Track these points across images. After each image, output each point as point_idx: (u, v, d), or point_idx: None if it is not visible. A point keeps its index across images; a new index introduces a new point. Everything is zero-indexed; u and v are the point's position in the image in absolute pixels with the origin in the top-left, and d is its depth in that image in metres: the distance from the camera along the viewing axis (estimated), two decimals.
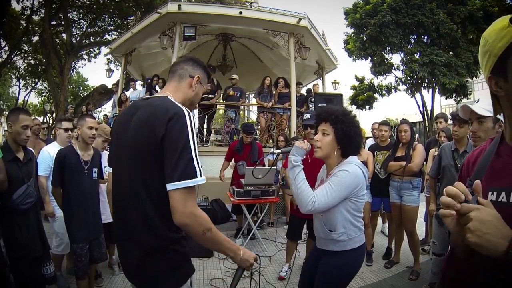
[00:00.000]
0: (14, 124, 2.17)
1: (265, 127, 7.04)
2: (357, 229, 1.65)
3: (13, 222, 2.11)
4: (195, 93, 1.32)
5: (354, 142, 1.65)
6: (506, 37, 0.70)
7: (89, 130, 2.51)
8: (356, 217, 1.64)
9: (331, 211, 1.60)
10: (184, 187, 1.03)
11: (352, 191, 1.57)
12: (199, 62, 1.37)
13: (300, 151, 1.65)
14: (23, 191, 2.13)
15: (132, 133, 1.14)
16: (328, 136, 1.64)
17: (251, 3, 8.16)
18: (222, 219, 5.23)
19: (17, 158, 2.21)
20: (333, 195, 1.53)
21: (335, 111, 1.67)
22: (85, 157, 2.54)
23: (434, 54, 14.02)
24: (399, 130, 3.43)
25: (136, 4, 15.22)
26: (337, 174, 1.58)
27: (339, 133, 1.62)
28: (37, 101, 28.28)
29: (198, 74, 1.32)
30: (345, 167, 1.59)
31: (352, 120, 1.65)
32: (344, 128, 1.61)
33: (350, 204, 1.61)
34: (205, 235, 1.08)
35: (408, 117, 23.92)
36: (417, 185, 3.37)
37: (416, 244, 3.37)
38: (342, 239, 1.62)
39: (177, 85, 1.30)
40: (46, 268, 2.39)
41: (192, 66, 1.34)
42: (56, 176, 2.45)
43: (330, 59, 8.42)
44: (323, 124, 1.67)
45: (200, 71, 1.34)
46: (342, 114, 1.65)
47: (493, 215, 0.64)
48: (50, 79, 15.65)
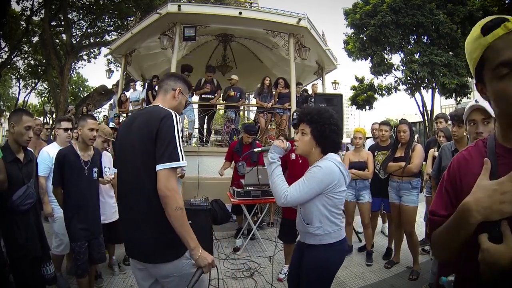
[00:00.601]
0: (17, 124, 2.17)
1: (265, 127, 7.04)
2: (333, 224, 1.68)
3: (13, 222, 2.11)
4: (178, 102, 1.65)
5: (331, 140, 1.71)
6: (479, 48, 0.73)
7: (89, 132, 2.52)
8: (333, 213, 1.68)
9: (307, 205, 1.67)
10: (169, 167, 1.37)
11: (327, 186, 1.62)
12: (179, 76, 1.73)
13: (278, 149, 1.75)
14: (23, 192, 2.13)
15: (135, 134, 1.48)
16: (306, 136, 1.72)
17: (251, 3, 8.16)
18: (222, 219, 5.21)
19: (17, 159, 2.20)
20: (305, 189, 1.60)
21: (310, 111, 1.75)
22: (85, 157, 2.55)
23: (434, 54, 14.03)
24: (398, 130, 3.44)
25: (136, 5, 15.21)
26: (311, 170, 1.66)
27: (315, 132, 1.69)
28: (37, 102, 28.35)
29: (179, 87, 1.65)
30: (319, 163, 1.67)
31: (327, 119, 1.70)
32: (319, 127, 1.69)
33: (326, 200, 1.65)
34: (176, 212, 1.35)
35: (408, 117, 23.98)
36: (416, 186, 3.37)
37: (415, 244, 3.37)
38: (318, 233, 1.67)
39: (163, 98, 1.64)
40: (46, 269, 2.39)
41: (174, 80, 1.67)
42: (56, 176, 2.46)
43: (330, 59, 8.41)
44: (301, 124, 1.76)
45: (180, 84, 1.66)
46: (317, 113, 1.72)
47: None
48: (50, 80, 15.66)
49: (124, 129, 1.64)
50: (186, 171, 4.39)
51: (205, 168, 5.78)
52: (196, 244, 1.40)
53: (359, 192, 3.74)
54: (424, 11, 14.39)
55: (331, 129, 1.68)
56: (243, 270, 3.45)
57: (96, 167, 2.62)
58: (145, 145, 1.42)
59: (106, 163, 3.19)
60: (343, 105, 5.55)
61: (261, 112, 7.05)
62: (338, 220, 1.71)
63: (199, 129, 7.01)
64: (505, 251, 0.65)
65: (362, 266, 3.62)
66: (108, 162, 3.23)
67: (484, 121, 1.51)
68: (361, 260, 3.78)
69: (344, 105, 5.91)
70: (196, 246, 1.40)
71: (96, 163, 2.63)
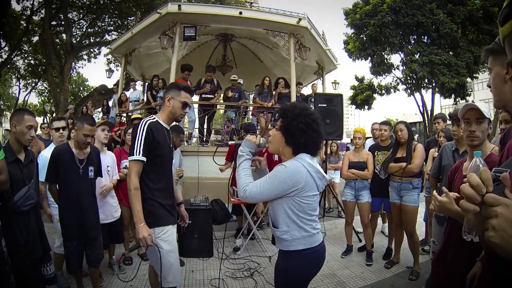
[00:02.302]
0: (19, 124, 2.17)
1: (265, 127, 7.04)
2: (302, 230, 1.55)
3: (14, 222, 2.11)
4: (171, 107, 2.06)
5: (299, 139, 1.53)
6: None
7: (84, 137, 2.48)
8: (302, 218, 1.55)
9: (274, 207, 1.58)
10: (131, 159, 1.90)
11: (290, 188, 1.49)
12: (170, 86, 2.22)
13: (249, 143, 1.67)
14: (24, 193, 2.13)
15: None
16: (278, 132, 1.60)
17: (251, 3, 8.17)
18: (222, 219, 5.22)
19: (18, 159, 2.20)
20: (265, 187, 1.50)
21: (288, 106, 1.63)
22: (80, 155, 2.52)
23: (434, 54, 14.02)
24: (396, 130, 3.46)
25: (136, 5, 15.21)
26: (275, 169, 1.54)
27: (283, 128, 1.56)
28: (37, 101, 28.34)
29: (168, 95, 2.06)
30: (286, 162, 1.54)
31: (297, 115, 1.52)
32: (286, 122, 1.55)
33: (293, 203, 1.53)
34: (130, 192, 1.86)
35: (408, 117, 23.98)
36: (417, 186, 3.37)
37: (416, 244, 3.37)
38: (285, 238, 1.56)
39: (163, 109, 2.13)
40: (47, 269, 2.39)
41: (167, 91, 2.12)
42: (50, 173, 2.45)
43: (330, 59, 8.42)
44: (279, 119, 1.63)
45: (170, 92, 2.07)
46: (289, 108, 1.58)
47: None
48: (50, 79, 15.64)
49: None
50: (186, 171, 4.39)
51: (205, 167, 5.78)
52: (138, 220, 1.82)
53: (359, 192, 3.74)
54: (424, 11, 14.37)
55: (299, 127, 1.51)
56: (243, 270, 3.45)
57: (93, 166, 2.58)
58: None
59: (109, 162, 3.15)
60: (343, 105, 5.55)
61: (261, 112, 7.05)
62: (309, 226, 1.57)
63: (199, 129, 7.01)
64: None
65: (362, 266, 3.62)
66: (111, 162, 3.20)
67: (478, 121, 1.54)
68: (361, 260, 3.78)
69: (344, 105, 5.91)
70: (137, 221, 1.82)
71: (93, 162, 2.59)
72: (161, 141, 1.97)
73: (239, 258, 3.79)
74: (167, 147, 2.05)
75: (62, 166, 2.45)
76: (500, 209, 0.56)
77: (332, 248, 4.20)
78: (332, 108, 5.32)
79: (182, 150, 4.37)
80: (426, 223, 4.17)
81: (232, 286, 3.12)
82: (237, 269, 3.47)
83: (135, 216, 1.83)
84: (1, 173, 1.95)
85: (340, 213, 5.87)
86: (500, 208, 0.57)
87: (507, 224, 0.55)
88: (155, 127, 1.95)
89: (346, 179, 3.88)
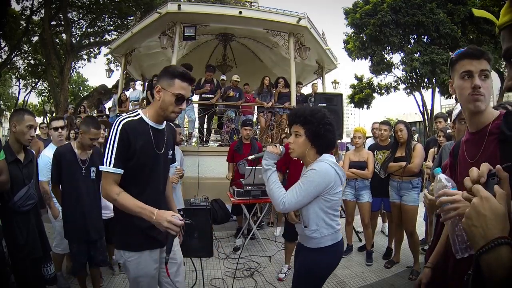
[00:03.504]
0: (19, 124, 2.18)
1: (265, 127, 7.04)
2: (330, 227, 1.66)
3: (14, 223, 2.11)
4: (161, 101, 1.53)
5: (326, 140, 1.67)
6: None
7: (89, 141, 2.48)
8: (330, 215, 1.67)
9: (304, 208, 1.65)
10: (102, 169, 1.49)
11: (324, 189, 1.60)
12: (162, 72, 1.58)
13: (271, 155, 1.70)
14: (24, 193, 2.14)
15: None
16: (301, 137, 1.67)
17: (251, 3, 8.15)
18: (222, 219, 5.23)
19: (17, 159, 2.20)
20: (303, 194, 1.58)
21: (303, 112, 1.69)
22: (82, 156, 2.52)
23: (435, 53, 14.01)
24: (395, 131, 3.45)
25: (136, 4, 15.22)
26: (307, 174, 1.63)
27: (309, 133, 1.65)
28: (37, 101, 28.34)
29: (158, 85, 1.54)
30: (314, 165, 1.63)
31: (321, 118, 1.65)
32: (313, 128, 1.64)
33: (323, 202, 1.63)
34: (116, 202, 1.47)
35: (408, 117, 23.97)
36: (417, 185, 3.37)
37: (416, 244, 3.37)
38: (315, 236, 1.65)
39: (152, 103, 1.62)
40: (47, 269, 2.39)
41: (157, 80, 1.58)
42: (54, 174, 2.45)
43: (330, 59, 8.42)
44: (294, 126, 1.71)
45: (161, 81, 1.54)
46: (310, 114, 1.66)
47: (493, 210, 0.61)
48: (50, 79, 15.64)
49: None
50: (186, 171, 4.39)
51: (205, 167, 5.79)
52: (147, 216, 1.42)
53: (359, 191, 3.74)
54: (425, 10, 14.36)
55: (325, 128, 1.64)
56: (243, 269, 3.45)
57: (95, 167, 2.57)
58: None
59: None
60: (343, 105, 5.55)
61: (261, 112, 7.05)
62: (335, 222, 1.70)
63: (199, 129, 7.01)
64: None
65: (362, 265, 3.62)
66: None
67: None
68: (361, 259, 3.78)
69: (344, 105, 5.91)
70: (149, 218, 1.42)
71: (95, 163, 2.58)
72: (140, 147, 1.51)
73: (239, 258, 3.79)
74: (152, 152, 1.57)
75: (64, 167, 2.45)
76: (474, 199, 0.63)
77: None
78: (332, 107, 5.31)
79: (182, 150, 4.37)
80: (426, 222, 4.18)
81: (232, 286, 3.12)
82: (237, 269, 3.47)
83: (142, 215, 1.43)
84: (2, 173, 1.95)
85: (340, 212, 5.88)
86: (475, 199, 0.63)
87: (474, 213, 0.62)
88: (132, 128, 1.49)
89: (346, 178, 3.88)
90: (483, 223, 0.61)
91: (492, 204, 0.62)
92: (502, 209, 0.62)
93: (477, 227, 0.61)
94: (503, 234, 0.60)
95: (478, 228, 0.61)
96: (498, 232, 0.60)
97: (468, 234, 0.64)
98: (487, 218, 0.61)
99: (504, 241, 0.58)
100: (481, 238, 0.60)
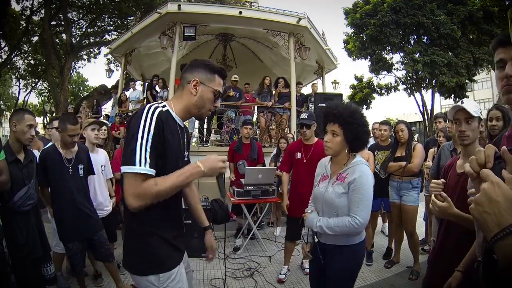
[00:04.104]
0: (19, 123, 2.18)
1: (265, 127, 7.04)
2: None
3: (14, 223, 2.11)
4: (198, 96, 1.32)
5: (362, 141, 1.74)
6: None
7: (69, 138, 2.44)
8: None
9: (344, 210, 1.67)
10: (124, 171, 1.15)
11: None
12: (197, 64, 1.36)
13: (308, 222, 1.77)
14: (24, 193, 2.14)
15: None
16: (338, 137, 1.70)
17: (251, 3, 8.16)
18: (222, 219, 5.21)
19: (17, 159, 2.21)
20: (367, 202, 1.64)
21: (342, 113, 1.69)
22: (67, 155, 2.51)
23: (436, 54, 14.02)
24: (396, 131, 3.45)
25: (136, 4, 15.22)
26: (359, 182, 1.64)
27: (348, 134, 1.68)
28: (37, 101, 28.34)
29: (195, 78, 1.32)
30: (357, 172, 1.66)
31: (360, 119, 1.69)
32: (352, 129, 1.67)
33: None
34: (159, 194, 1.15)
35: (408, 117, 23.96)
36: (417, 185, 3.37)
37: (416, 244, 3.37)
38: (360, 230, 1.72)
39: (180, 95, 1.36)
40: (47, 269, 2.39)
41: (190, 71, 1.35)
42: (41, 176, 2.43)
43: (330, 59, 8.42)
44: (331, 125, 1.71)
45: (197, 73, 1.33)
46: (349, 115, 1.68)
47: (505, 195, 0.58)
48: (50, 79, 15.64)
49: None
50: None
51: None
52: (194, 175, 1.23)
53: None
54: (425, 11, 14.37)
55: (363, 130, 1.69)
56: (243, 269, 3.45)
57: (82, 164, 2.57)
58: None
59: (103, 161, 3.12)
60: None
61: (261, 112, 7.05)
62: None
63: (199, 129, 7.01)
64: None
65: (362, 265, 3.59)
66: (104, 161, 3.18)
67: (467, 120, 1.57)
68: None
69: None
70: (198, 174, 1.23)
71: (82, 160, 2.58)
72: (171, 145, 1.26)
73: (239, 258, 3.79)
74: (180, 154, 1.36)
75: (51, 168, 2.43)
76: (485, 185, 0.60)
77: None
78: None
79: None
80: (426, 222, 4.18)
81: (232, 286, 3.12)
82: (237, 269, 3.48)
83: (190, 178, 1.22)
84: (2, 173, 1.96)
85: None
86: (485, 184, 0.60)
87: (486, 199, 0.59)
88: (166, 121, 1.24)
89: None
90: (496, 209, 0.58)
91: (504, 190, 0.59)
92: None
93: (489, 214, 0.59)
94: None
95: (491, 215, 0.58)
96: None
97: (479, 221, 0.61)
98: (499, 204, 0.58)
99: None
100: (495, 225, 0.58)
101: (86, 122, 3.13)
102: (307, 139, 3.18)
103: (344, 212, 1.66)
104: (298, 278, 3.29)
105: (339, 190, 1.68)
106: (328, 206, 1.72)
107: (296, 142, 3.46)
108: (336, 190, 1.69)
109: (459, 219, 1.27)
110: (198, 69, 1.34)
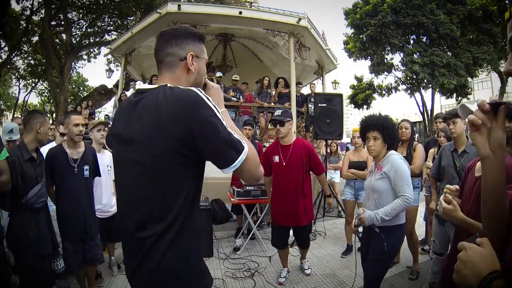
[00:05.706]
0: (43, 125, 2.29)
1: (265, 127, 7.04)
2: None
3: (25, 219, 2.15)
4: (196, 72, 1.12)
5: (396, 138, 2.30)
6: None
7: (75, 128, 2.46)
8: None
9: (385, 194, 2.13)
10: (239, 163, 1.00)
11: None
12: (184, 35, 1.11)
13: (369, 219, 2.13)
14: (37, 190, 2.18)
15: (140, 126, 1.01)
16: (378, 140, 2.19)
17: (251, 3, 8.16)
18: (222, 219, 5.23)
19: (33, 157, 2.26)
20: (407, 180, 2.09)
21: (380, 121, 2.20)
22: (73, 155, 2.52)
23: (435, 55, 14.02)
24: (400, 127, 3.37)
25: (136, 4, 15.22)
26: (398, 169, 2.11)
27: (387, 137, 2.18)
28: (37, 101, 28.33)
29: (189, 51, 1.09)
30: (391, 162, 2.15)
31: (391, 123, 2.23)
32: (389, 132, 2.18)
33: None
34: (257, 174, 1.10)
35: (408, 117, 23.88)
36: (417, 185, 3.36)
37: (415, 244, 3.36)
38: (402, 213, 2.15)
39: (172, 76, 1.09)
40: (57, 264, 2.41)
41: (179, 45, 1.09)
42: (47, 176, 2.44)
43: (330, 59, 8.42)
44: (371, 132, 2.19)
45: (189, 46, 1.10)
46: (384, 121, 2.20)
47: (478, 254, 0.65)
48: (50, 80, 15.64)
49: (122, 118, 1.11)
50: None
51: (206, 167, 5.76)
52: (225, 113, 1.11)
53: (359, 191, 3.73)
54: (425, 11, 14.37)
55: (395, 129, 2.23)
56: (243, 270, 3.45)
57: (88, 165, 2.57)
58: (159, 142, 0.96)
59: (109, 162, 3.10)
60: (343, 105, 5.56)
61: (261, 112, 7.05)
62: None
63: None
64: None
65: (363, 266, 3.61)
66: (109, 161, 3.19)
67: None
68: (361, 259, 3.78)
69: (344, 105, 5.92)
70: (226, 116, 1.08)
71: (88, 161, 2.58)
72: None
73: (239, 258, 3.79)
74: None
75: (57, 167, 2.45)
76: (460, 254, 0.68)
77: (332, 248, 4.20)
78: (332, 107, 5.33)
79: None
80: (426, 222, 4.17)
81: (232, 286, 3.12)
82: (237, 269, 3.47)
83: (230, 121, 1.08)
84: (3, 173, 1.96)
85: (340, 212, 5.87)
86: (460, 254, 0.68)
87: (462, 264, 0.66)
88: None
89: (346, 179, 3.88)
90: (471, 268, 0.64)
91: (476, 250, 0.65)
92: (487, 251, 0.65)
93: (467, 274, 0.64)
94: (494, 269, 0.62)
95: (469, 274, 0.64)
96: (489, 268, 0.62)
97: (462, 285, 0.65)
98: (474, 263, 0.64)
99: (497, 274, 0.60)
100: (475, 278, 0.62)
101: (91, 124, 3.14)
102: (283, 137, 3.02)
103: (382, 196, 2.12)
104: (298, 279, 3.29)
105: (377, 176, 2.19)
106: (371, 191, 2.21)
107: (273, 144, 3.26)
108: (375, 177, 2.20)
109: (463, 224, 1.27)
110: (187, 40, 1.11)
